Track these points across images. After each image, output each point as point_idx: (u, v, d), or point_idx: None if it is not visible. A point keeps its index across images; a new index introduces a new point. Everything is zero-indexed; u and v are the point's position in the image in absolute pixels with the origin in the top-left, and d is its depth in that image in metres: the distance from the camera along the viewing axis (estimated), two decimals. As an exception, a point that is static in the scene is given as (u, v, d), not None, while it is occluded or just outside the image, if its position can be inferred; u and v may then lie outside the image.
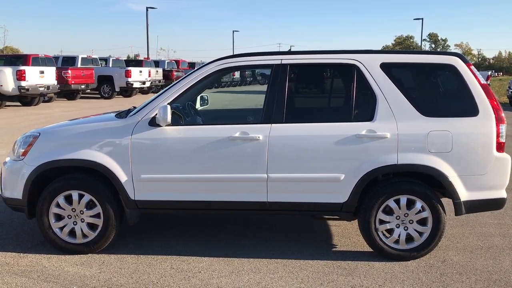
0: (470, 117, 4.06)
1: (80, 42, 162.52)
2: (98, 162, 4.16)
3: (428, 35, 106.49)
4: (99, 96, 24.99)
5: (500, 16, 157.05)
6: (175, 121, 4.19)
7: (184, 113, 4.45)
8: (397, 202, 4.12)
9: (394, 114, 4.08)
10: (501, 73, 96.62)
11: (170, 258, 4.24)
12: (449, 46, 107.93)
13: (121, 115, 4.56)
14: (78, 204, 4.24)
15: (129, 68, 24.79)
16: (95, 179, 4.24)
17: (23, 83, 17.18)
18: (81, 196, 4.24)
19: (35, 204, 4.31)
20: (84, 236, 4.29)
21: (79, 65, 23.05)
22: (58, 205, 4.26)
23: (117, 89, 24.80)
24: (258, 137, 4.09)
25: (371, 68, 4.18)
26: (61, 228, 4.30)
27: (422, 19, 50.45)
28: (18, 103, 19.16)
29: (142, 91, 27.41)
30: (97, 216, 4.26)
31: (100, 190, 4.21)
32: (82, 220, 4.28)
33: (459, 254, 4.37)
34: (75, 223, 4.29)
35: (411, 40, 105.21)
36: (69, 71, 21.22)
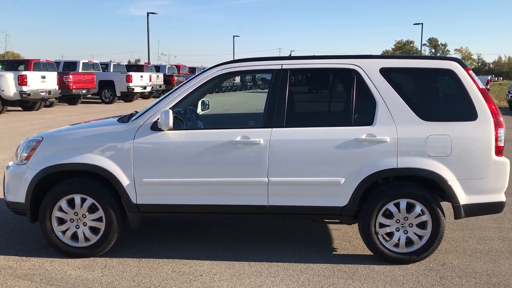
0: (469, 121, 4.09)
1: (81, 47, 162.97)
2: (100, 166, 4.20)
3: (428, 40, 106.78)
4: (100, 101, 25.06)
5: (500, 21, 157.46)
6: (177, 126, 4.23)
7: (185, 117, 4.49)
8: (397, 205, 4.15)
9: (393, 118, 4.12)
10: (501, 78, 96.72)
11: (172, 262, 4.27)
12: (449, 51, 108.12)
13: (123, 119, 4.60)
14: (80, 208, 4.28)
15: (130, 73, 24.87)
16: (97, 183, 4.27)
17: (24, 88, 17.25)
18: (83, 200, 4.27)
19: (37, 208, 4.34)
20: (87, 239, 4.32)
21: (80, 70, 23.10)
22: (60, 209, 4.29)
23: (118, 94, 24.86)
24: (259, 141, 4.13)
25: (371, 73, 4.22)
26: (64, 232, 4.33)
27: (422, 24, 50.63)
28: (20, 108, 19.22)
29: (143, 96, 27.51)
30: (99, 219, 4.29)
31: (102, 194, 4.24)
32: (85, 223, 4.31)
33: (458, 257, 4.40)
34: (77, 226, 4.32)
35: (411, 45, 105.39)
36: (70, 76, 21.30)
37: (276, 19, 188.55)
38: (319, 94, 5.04)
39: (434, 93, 4.41)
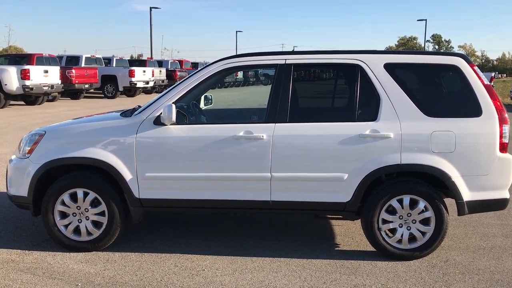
0: (473, 117, 4.07)
1: (84, 42, 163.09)
2: (103, 160, 4.19)
3: (432, 36, 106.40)
4: (103, 95, 25.09)
5: (504, 18, 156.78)
6: (180, 120, 4.22)
7: (188, 112, 4.48)
8: (400, 201, 4.13)
9: (397, 114, 4.10)
10: (505, 75, 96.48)
11: (174, 256, 4.27)
12: (453, 48, 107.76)
13: (126, 114, 4.58)
14: (83, 202, 4.27)
15: (132, 68, 24.88)
16: (100, 177, 4.26)
17: (27, 82, 17.26)
18: (86, 194, 4.27)
19: (40, 202, 4.34)
20: (89, 233, 4.32)
21: (83, 65, 23.13)
22: (63, 203, 4.29)
23: (121, 89, 24.90)
24: (262, 136, 4.11)
25: (375, 68, 4.19)
26: (66, 226, 4.33)
27: (426, 20, 50.48)
28: (22, 102, 19.24)
29: (146, 91, 27.52)
30: (101, 214, 4.29)
31: (105, 188, 4.24)
32: (87, 218, 4.31)
33: (461, 254, 4.39)
34: (80, 220, 4.32)
35: (415, 41, 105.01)
36: (73, 71, 21.30)
37: (279, 14, 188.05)
38: (323, 89, 5.03)
39: (439, 89, 4.38)
